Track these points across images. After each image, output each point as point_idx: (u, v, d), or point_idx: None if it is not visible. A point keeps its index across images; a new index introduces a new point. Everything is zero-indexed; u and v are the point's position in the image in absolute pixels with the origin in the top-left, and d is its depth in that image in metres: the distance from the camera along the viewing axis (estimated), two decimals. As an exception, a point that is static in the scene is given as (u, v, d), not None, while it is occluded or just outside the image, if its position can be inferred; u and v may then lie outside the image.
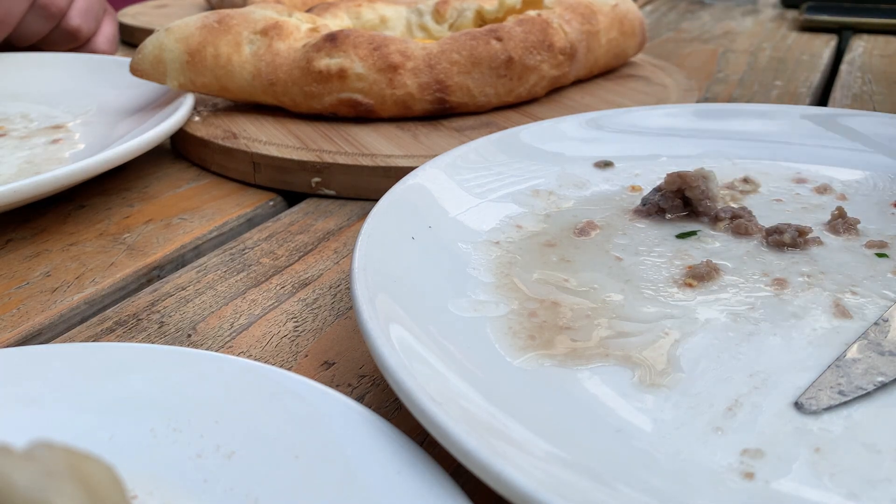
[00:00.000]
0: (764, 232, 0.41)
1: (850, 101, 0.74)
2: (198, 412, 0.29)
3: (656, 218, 0.44)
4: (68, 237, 0.50)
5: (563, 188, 0.48)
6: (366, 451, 0.26)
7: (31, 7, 0.76)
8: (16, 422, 0.28)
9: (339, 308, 0.42)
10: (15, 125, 0.66)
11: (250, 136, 0.60)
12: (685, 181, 0.43)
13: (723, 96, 0.76)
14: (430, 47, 0.62)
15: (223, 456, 0.27)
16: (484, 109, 0.65)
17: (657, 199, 0.44)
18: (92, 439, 0.28)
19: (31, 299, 0.43)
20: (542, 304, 0.36)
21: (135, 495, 0.26)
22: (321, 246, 0.48)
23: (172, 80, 0.62)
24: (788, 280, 0.38)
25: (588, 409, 0.30)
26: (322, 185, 0.55)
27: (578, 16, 0.69)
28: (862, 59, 0.88)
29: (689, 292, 0.37)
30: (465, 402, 0.28)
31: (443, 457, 0.26)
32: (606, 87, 0.72)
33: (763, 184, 0.48)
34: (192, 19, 0.64)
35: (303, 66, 0.61)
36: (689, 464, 0.27)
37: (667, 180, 0.44)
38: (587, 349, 0.33)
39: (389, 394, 0.35)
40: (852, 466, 0.26)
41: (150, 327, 0.40)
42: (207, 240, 0.50)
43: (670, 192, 0.43)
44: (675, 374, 0.31)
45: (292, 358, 0.37)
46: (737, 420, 0.29)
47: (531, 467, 0.24)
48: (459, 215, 0.43)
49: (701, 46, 0.96)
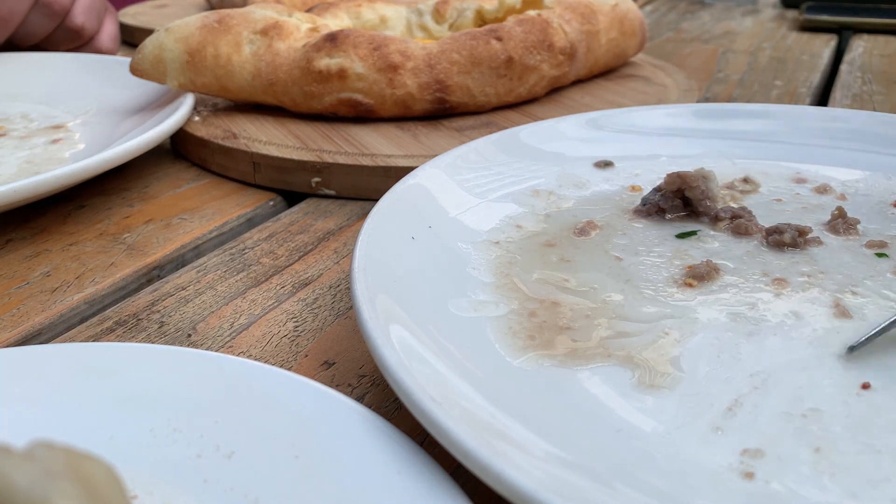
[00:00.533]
0: (764, 232, 0.41)
1: (850, 101, 0.74)
2: (198, 412, 0.29)
3: (656, 218, 0.44)
4: (68, 237, 0.50)
5: (563, 188, 0.48)
6: (366, 451, 0.26)
7: (34, 6, 0.76)
8: (16, 422, 0.28)
9: (339, 308, 0.42)
10: (15, 125, 0.66)
11: (250, 136, 0.60)
12: (685, 181, 0.43)
13: (723, 96, 0.76)
14: (430, 47, 0.62)
15: (223, 456, 0.27)
16: (484, 109, 0.65)
17: (657, 199, 0.44)
18: (92, 439, 0.28)
19: (31, 299, 0.43)
20: (542, 304, 0.36)
21: (135, 495, 0.26)
22: (321, 246, 0.48)
23: (172, 80, 0.62)
24: (788, 280, 0.38)
25: (588, 409, 0.30)
26: (322, 185, 0.55)
27: (578, 16, 0.69)
28: (862, 59, 0.88)
29: (689, 292, 0.37)
30: (465, 402, 0.28)
31: (443, 457, 0.26)
32: (606, 87, 0.72)
33: (763, 184, 0.48)
34: (192, 19, 0.64)
35: (303, 66, 0.61)
36: (689, 464, 0.27)
37: (667, 180, 0.44)
38: (587, 349, 0.33)
39: (389, 394, 0.35)
40: (852, 466, 0.26)
41: (150, 327, 0.40)
42: (207, 240, 0.50)
43: (670, 192, 0.43)
44: (675, 375, 0.31)
45: (292, 358, 0.37)
46: (737, 420, 0.29)
47: (531, 467, 0.24)
48: (459, 215, 0.43)
49: (701, 46, 0.96)
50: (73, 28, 0.79)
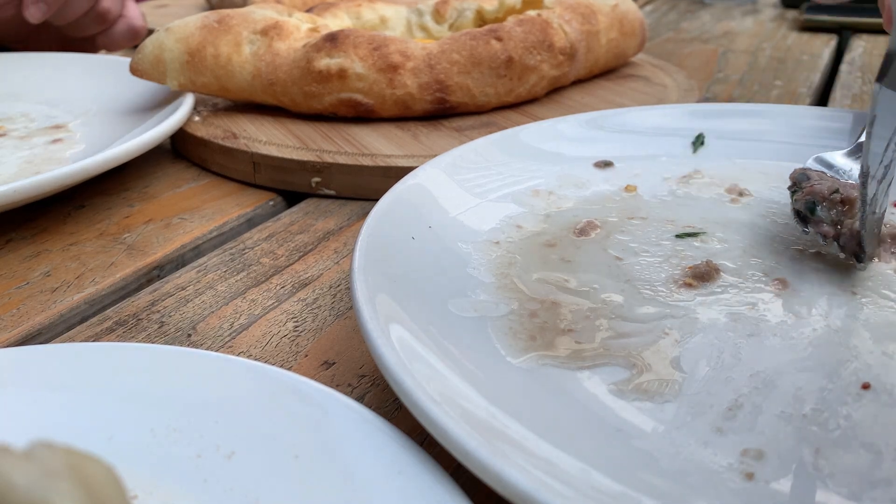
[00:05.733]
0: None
1: (850, 101, 0.74)
2: (198, 412, 0.29)
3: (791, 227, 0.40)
4: (68, 237, 0.50)
5: (563, 188, 0.48)
6: (366, 451, 0.26)
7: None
8: (16, 422, 0.28)
9: (339, 308, 0.42)
10: (15, 125, 0.66)
11: (250, 136, 0.60)
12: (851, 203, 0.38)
13: (723, 96, 0.76)
14: (430, 47, 0.62)
15: (223, 456, 0.27)
16: (484, 109, 0.65)
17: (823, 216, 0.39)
18: (92, 439, 0.28)
19: (31, 299, 0.43)
20: (543, 304, 0.36)
21: (135, 495, 0.26)
22: (321, 246, 0.48)
23: (172, 80, 0.62)
24: (788, 280, 0.38)
25: (588, 409, 0.30)
26: (322, 185, 0.55)
27: (578, 16, 0.69)
28: (862, 59, 0.88)
29: (689, 292, 0.37)
30: (465, 402, 0.28)
31: (443, 457, 0.26)
32: (606, 87, 0.72)
33: (763, 184, 0.48)
34: (192, 19, 0.64)
35: (303, 66, 0.61)
36: (689, 464, 0.27)
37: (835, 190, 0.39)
38: (588, 350, 0.33)
39: (389, 394, 0.35)
40: (852, 466, 0.26)
41: (150, 327, 0.40)
42: (207, 240, 0.50)
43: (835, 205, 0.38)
44: (676, 375, 0.31)
45: (292, 358, 0.37)
46: (737, 420, 0.29)
47: (531, 467, 0.24)
48: (459, 215, 0.43)
49: (701, 46, 0.96)
50: (101, 11, 0.81)
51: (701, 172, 0.49)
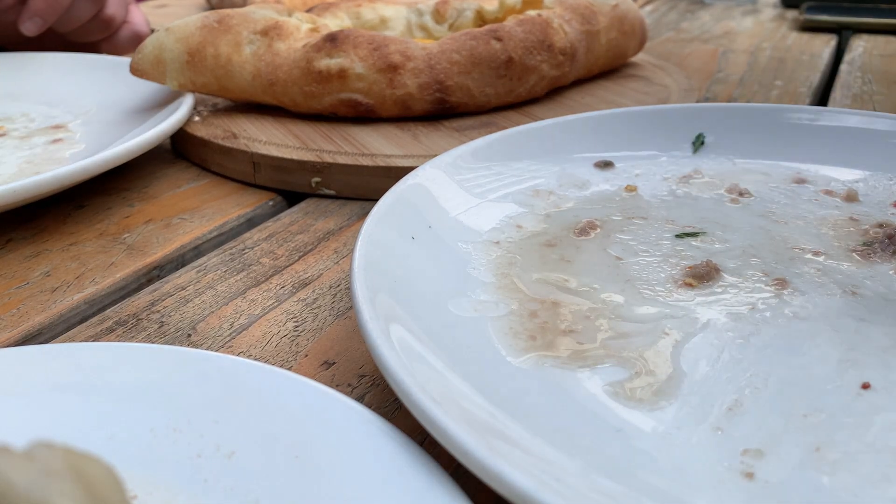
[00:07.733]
0: None
1: (850, 101, 0.74)
2: (198, 412, 0.29)
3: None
4: (68, 237, 0.50)
5: (563, 188, 0.48)
6: (366, 451, 0.26)
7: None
8: (16, 422, 0.28)
9: (339, 308, 0.42)
10: (15, 125, 0.66)
11: (250, 136, 0.60)
12: None
13: (723, 96, 0.76)
14: (430, 47, 0.62)
15: (223, 456, 0.27)
16: (484, 109, 0.65)
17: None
18: (92, 439, 0.28)
19: (31, 299, 0.43)
20: (543, 304, 0.36)
21: (135, 495, 0.26)
22: (321, 246, 0.48)
23: (172, 80, 0.62)
24: (788, 280, 0.38)
25: (588, 409, 0.30)
26: (322, 185, 0.55)
27: (578, 16, 0.69)
28: (862, 59, 0.88)
29: (689, 292, 0.37)
30: (465, 402, 0.28)
31: (443, 457, 0.26)
32: (606, 87, 0.72)
33: (763, 184, 0.48)
34: (192, 19, 0.64)
35: (303, 67, 0.61)
36: (689, 464, 0.27)
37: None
38: (588, 350, 0.33)
39: (389, 394, 0.35)
40: (852, 466, 0.26)
41: (150, 327, 0.40)
42: (207, 240, 0.50)
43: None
44: (676, 375, 0.31)
45: (292, 358, 0.37)
46: (737, 420, 0.29)
47: (531, 467, 0.24)
48: (459, 215, 0.43)
49: (701, 46, 0.96)
50: (105, 18, 0.81)
51: (701, 172, 0.49)
